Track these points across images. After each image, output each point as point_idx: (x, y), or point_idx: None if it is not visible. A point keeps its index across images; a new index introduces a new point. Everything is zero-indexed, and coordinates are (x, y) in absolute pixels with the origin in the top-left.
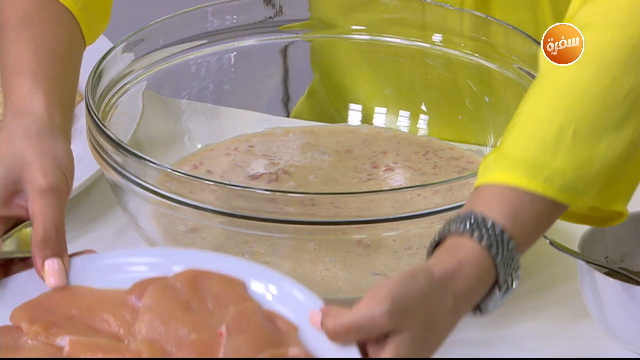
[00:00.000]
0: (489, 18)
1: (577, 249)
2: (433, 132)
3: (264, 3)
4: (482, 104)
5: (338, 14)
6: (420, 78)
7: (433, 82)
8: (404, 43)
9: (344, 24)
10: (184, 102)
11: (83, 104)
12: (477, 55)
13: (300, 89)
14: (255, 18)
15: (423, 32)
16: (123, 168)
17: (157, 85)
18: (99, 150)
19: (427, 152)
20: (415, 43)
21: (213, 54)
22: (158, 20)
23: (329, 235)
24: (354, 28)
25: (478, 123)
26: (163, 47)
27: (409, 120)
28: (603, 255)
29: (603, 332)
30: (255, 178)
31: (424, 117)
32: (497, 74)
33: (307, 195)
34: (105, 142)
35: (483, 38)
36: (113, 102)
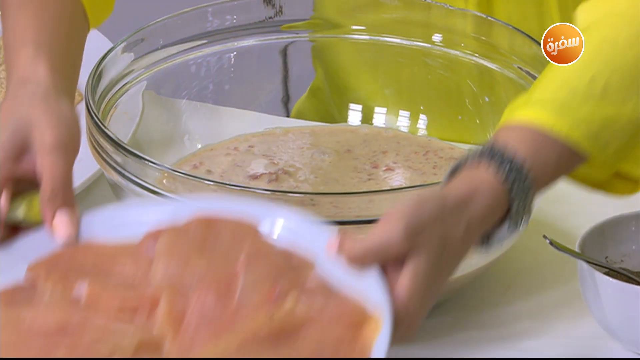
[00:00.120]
0: (490, 18)
1: (577, 249)
2: (433, 132)
3: (264, 3)
4: (482, 104)
5: (339, 14)
6: (421, 78)
7: (433, 82)
8: (405, 43)
9: (345, 24)
10: (184, 102)
11: (83, 104)
12: (477, 56)
13: (300, 89)
14: (255, 18)
15: (423, 32)
16: (123, 168)
17: (157, 85)
18: (99, 150)
19: (427, 152)
20: (416, 43)
21: (213, 54)
22: (158, 20)
23: None
24: (354, 28)
25: (478, 123)
26: (163, 47)
27: (409, 120)
28: (603, 255)
29: (603, 332)
30: (255, 178)
31: (424, 117)
32: (497, 74)
33: (307, 195)
34: (105, 142)
35: (483, 38)
36: (113, 102)
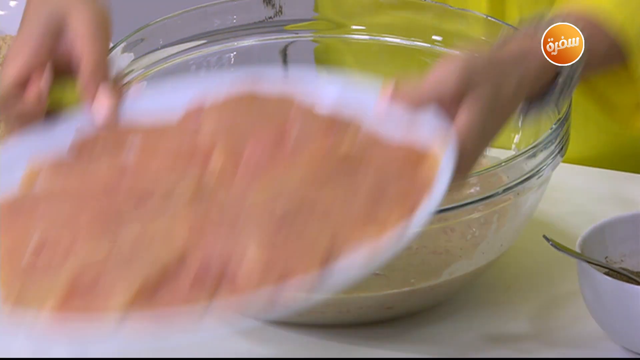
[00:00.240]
0: (490, 18)
1: (577, 249)
2: None
3: (264, 3)
4: None
5: (339, 15)
6: (420, 78)
7: None
8: (405, 43)
9: (345, 24)
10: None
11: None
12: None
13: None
14: (255, 18)
15: (423, 32)
16: None
17: (157, 85)
18: None
19: None
20: (416, 43)
21: (213, 54)
22: (158, 20)
23: None
24: (354, 28)
25: None
26: (163, 47)
27: None
28: (603, 255)
29: (603, 332)
30: None
31: None
32: None
33: None
34: None
35: (482, 38)
36: None
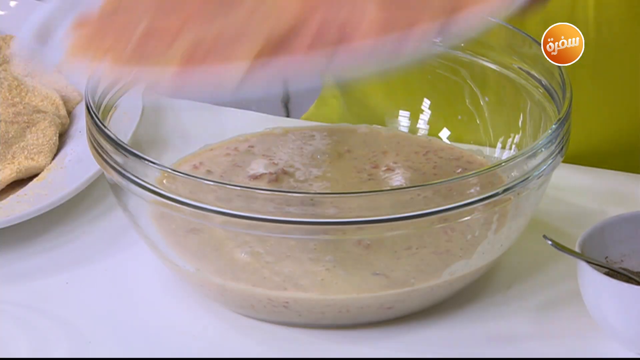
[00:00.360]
0: (490, 18)
1: (577, 249)
2: (433, 132)
3: None
4: (482, 104)
5: None
6: (420, 78)
7: (433, 82)
8: None
9: None
10: (184, 102)
11: (83, 105)
12: (477, 56)
13: (300, 89)
14: None
15: None
16: (123, 168)
17: None
18: (99, 150)
19: (427, 152)
20: None
21: None
22: None
23: (329, 235)
24: None
25: (478, 123)
26: None
27: (409, 120)
28: (603, 255)
29: (603, 332)
30: (255, 178)
31: (424, 117)
32: (497, 74)
33: (307, 195)
34: (105, 142)
35: (483, 38)
36: (113, 102)
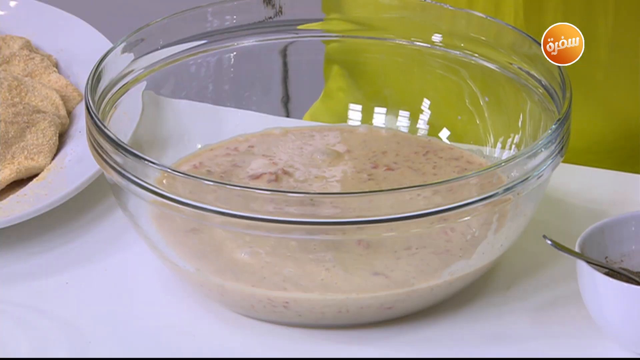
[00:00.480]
0: (489, 18)
1: (577, 249)
2: (433, 132)
3: (264, 3)
4: (482, 104)
5: (344, 15)
6: (420, 78)
7: (433, 82)
8: (404, 43)
9: (346, 24)
10: (184, 102)
11: (83, 104)
12: (477, 55)
13: (300, 89)
14: (255, 18)
15: (423, 32)
16: (123, 168)
17: (157, 85)
18: (99, 151)
19: (427, 152)
20: (415, 43)
21: (213, 54)
22: (158, 20)
23: (329, 235)
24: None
25: (478, 123)
26: (163, 47)
27: (409, 120)
28: (603, 256)
29: (603, 332)
30: (255, 178)
31: (424, 117)
32: (497, 74)
33: (307, 195)
34: (105, 142)
35: (483, 38)
36: (113, 102)
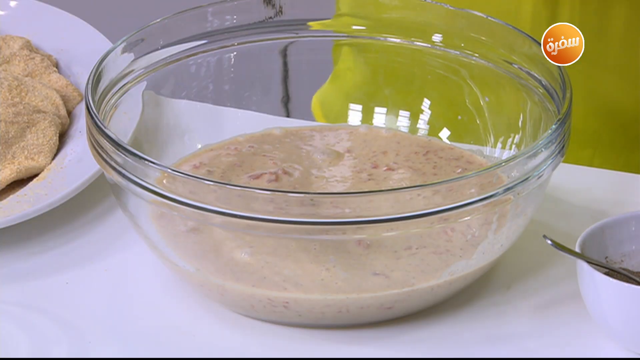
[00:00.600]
0: (489, 18)
1: (577, 249)
2: (433, 132)
3: (264, 3)
4: (482, 104)
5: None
6: (421, 78)
7: (433, 82)
8: (404, 43)
9: (346, 24)
10: (184, 102)
11: (83, 105)
12: (477, 56)
13: (300, 89)
14: (255, 18)
15: (423, 32)
16: (123, 168)
17: (157, 86)
18: (99, 150)
19: (427, 152)
20: (415, 43)
21: (213, 54)
22: (158, 20)
23: (329, 236)
24: (354, 28)
25: (478, 123)
26: (163, 47)
27: (409, 120)
28: (603, 256)
29: (603, 332)
30: (256, 178)
31: (424, 117)
32: (497, 74)
33: (307, 195)
34: (105, 142)
35: (483, 38)
36: (113, 102)
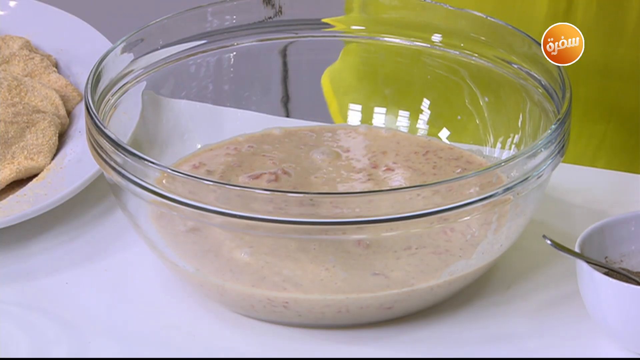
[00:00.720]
0: (489, 18)
1: (576, 249)
2: (432, 132)
3: (264, 3)
4: (481, 104)
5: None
6: (420, 78)
7: (433, 82)
8: (404, 43)
9: (345, 24)
10: (184, 102)
11: (82, 105)
12: (476, 56)
13: (300, 89)
14: (255, 18)
15: (423, 32)
16: (122, 168)
17: (156, 86)
18: (99, 151)
19: (426, 152)
20: (415, 43)
21: (212, 54)
22: (157, 20)
23: (329, 236)
24: (354, 28)
25: (478, 123)
26: (162, 47)
27: (409, 120)
28: (602, 256)
29: (603, 332)
30: (255, 178)
31: (424, 117)
32: (496, 74)
33: (306, 195)
34: (105, 142)
35: (482, 38)
36: (112, 102)
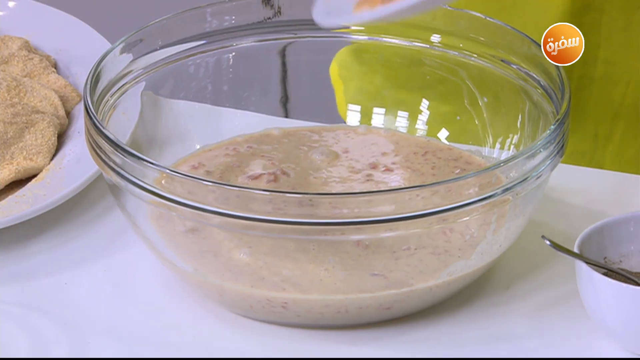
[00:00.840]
0: (488, 18)
1: (575, 250)
2: (432, 132)
3: (263, 4)
4: (481, 105)
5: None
6: (419, 78)
7: (432, 82)
8: (403, 43)
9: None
10: (183, 102)
11: (81, 105)
12: (476, 56)
13: (299, 90)
14: (254, 19)
15: (423, 32)
16: (121, 169)
17: (155, 86)
18: (98, 151)
19: (425, 152)
20: (414, 43)
21: (212, 55)
22: (157, 21)
23: (328, 236)
24: (353, 28)
25: (477, 123)
26: (162, 47)
27: (408, 121)
28: (602, 256)
29: (601, 332)
30: (254, 178)
31: (423, 117)
32: (495, 75)
33: (306, 196)
34: (104, 142)
35: (482, 38)
36: (111, 102)
